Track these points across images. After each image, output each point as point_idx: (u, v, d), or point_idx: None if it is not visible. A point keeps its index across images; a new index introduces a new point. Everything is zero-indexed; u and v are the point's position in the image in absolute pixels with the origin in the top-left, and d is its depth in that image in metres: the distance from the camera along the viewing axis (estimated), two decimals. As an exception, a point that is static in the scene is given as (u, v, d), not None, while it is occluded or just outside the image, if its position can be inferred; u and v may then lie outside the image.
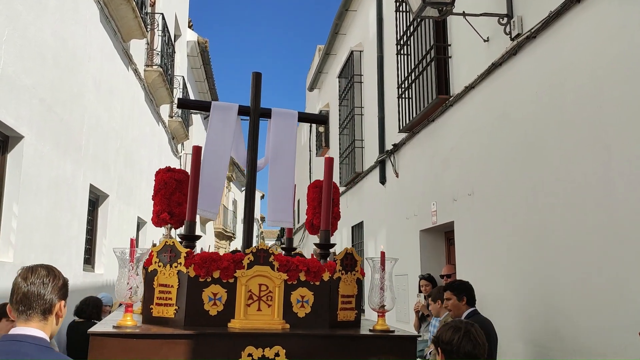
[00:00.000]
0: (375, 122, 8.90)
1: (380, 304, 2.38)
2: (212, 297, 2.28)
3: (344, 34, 11.91)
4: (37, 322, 1.83)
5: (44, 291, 1.84)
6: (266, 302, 2.31)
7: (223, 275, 2.30)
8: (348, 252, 2.53)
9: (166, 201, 2.71)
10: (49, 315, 1.85)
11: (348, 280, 2.48)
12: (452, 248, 6.79)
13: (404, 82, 7.24)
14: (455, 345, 2.24)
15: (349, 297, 2.49)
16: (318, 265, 2.40)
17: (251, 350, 2.11)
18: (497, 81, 4.94)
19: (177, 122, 13.84)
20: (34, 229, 5.41)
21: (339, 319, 2.43)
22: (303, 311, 2.35)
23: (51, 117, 5.76)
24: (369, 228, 9.48)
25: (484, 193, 5.19)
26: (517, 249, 4.60)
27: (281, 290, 2.33)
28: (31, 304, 1.83)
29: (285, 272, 2.34)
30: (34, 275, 1.87)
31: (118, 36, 8.26)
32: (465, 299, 4.15)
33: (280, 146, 2.71)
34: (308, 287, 2.37)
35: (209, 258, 2.30)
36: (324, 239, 2.55)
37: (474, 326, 2.36)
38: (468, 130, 5.56)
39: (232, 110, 2.66)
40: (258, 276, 2.33)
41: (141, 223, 11.14)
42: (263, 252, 2.35)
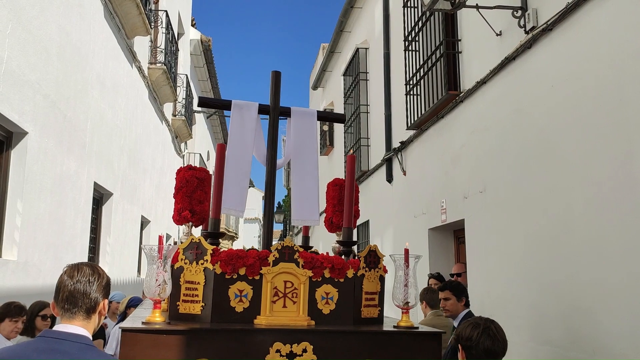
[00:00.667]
0: (382, 120, 8.80)
1: (405, 300, 2.38)
2: (238, 293, 2.30)
3: (348, 32, 11.81)
4: (80, 321, 1.85)
5: (90, 289, 1.87)
6: (291, 298, 2.33)
7: (249, 272, 2.31)
8: (371, 249, 2.53)
9: (187, 199, 2.70)
10: (92, 314, 1.87)
11: (371, 277, 2.49)
12: (461, 247, 6.69)
13: (412, 79, 7.14)
14: (474, 341, 2.24)
15: (373, 294, 2.50)
16: (342, 263, 2.41)
17: (279, 346, 2.13)
18: (510, 76, 4.84)
19: (180, 120, 13.76)
20: (38, 227, 5.33)
21: (363, 316, 2.44)
22: (328, 308, 2.37)
23: (55, 114, 5.67)
24: (375, 227, 9.38)
25: (497, 190, 5.09)
26: (532, 247, 4.50)
27: (306, 287, 2.34)
28: (77, 302, 1.85)
29: (310, 269, 2.35)
30: (79, 274, 1.88)
31: (122, 33, 8.17)
32: (464, 299, 4.07)
33: (301, 145, 2.73)
34: (332, 284, 2.38)
35: (235, 255, 2.32)
36: (346, 237, 2.55)
37: (493, 323, 2.35)
38: (479, 126, 5.46)
39: (252, 109, 2.68)
40: (283, 273, 2.34)
41: (145, 222, 11.06)
42: (288, 249, 2.36)
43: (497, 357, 2.28)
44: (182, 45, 15.00)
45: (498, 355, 2.27)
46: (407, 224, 7.55)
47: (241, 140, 2.65)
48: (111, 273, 8.23)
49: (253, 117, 2.68)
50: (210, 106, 3.19)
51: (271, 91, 2.74)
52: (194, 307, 2.29)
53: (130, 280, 9.48)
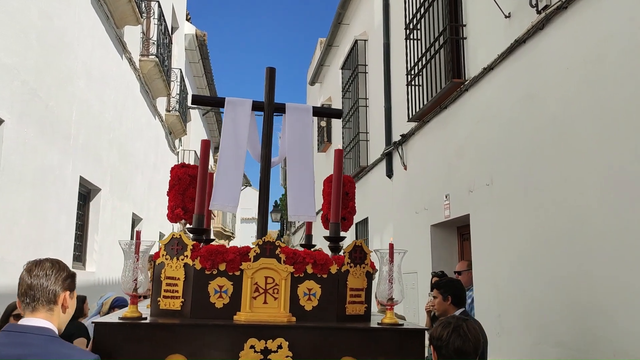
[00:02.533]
0: (381, 113, 8.50)
1: (389, 296, 2.30)
2: (218, 289, 2.29)
3: (347, 24, 11.49)
4: (43, 313, 1.86)
5: (47, 282, 1.89)
6: (272, 294, 2.30)
7: (229, 267, 2.29)
8: (357, 244, 2.46)
9: (180, 197, 2.71)
10: (54, 306, 1.88)
11: (357, 274, 2.44)
12: (465, 243, 6.38)
13: (414, 69, 6.83)
14: (444, 341, 2.20)
15: (358, 291, 2.44)
16: (325, 258, 2.37)
17: (254, 342, 2.10)
18: (520, 60, 4.53)
19: (174, 116, 13.43)
20: (16, 222, 5.00)
21: (348, 313, 2.39)
22: (310, 304, 2.33)
23: (35, 102, 5.34)
24: (375, 224, 9.07)
25: (505, 183, 4.78)
26: (544, 242, 4.19)
27: (288, 283, 2.31)
28: (36, 296, 1.87)
29: (292, 265, 2.32)
30: (38, 268, 1.91)
31: (111, 21, 7.85)
32: (450, 298, 3.79)
33: (297, 141, 2.71)
34: (315, 279, 2.34)
35: (215, 251, 2.30)
36: (333, 232, 2.50)
37: (466, 321, 2.28)
38: (486, 115, 5.15)
39: (245, 106, 2.67)
40: (264, 269, 2.31)
41: (136, 219, 10.73)
42: (269, 245, 2.34)
43: (468, 357, 2.21)
44: (177, 39, 14.67)
45: (469, 355, 2.20)
46: (408, 220, 7.24)
47: (234, 137, 2.63)
48: (99, 272, 7.89)
49: (247, 113, 2.66)
50: (204, 104, 3.16)
51: (265, 87, 2.72)
52: (174, 302, 2.28)
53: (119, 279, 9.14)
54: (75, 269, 7.13)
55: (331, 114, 3.33)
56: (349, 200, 2.83)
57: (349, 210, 2.81)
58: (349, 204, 2.82)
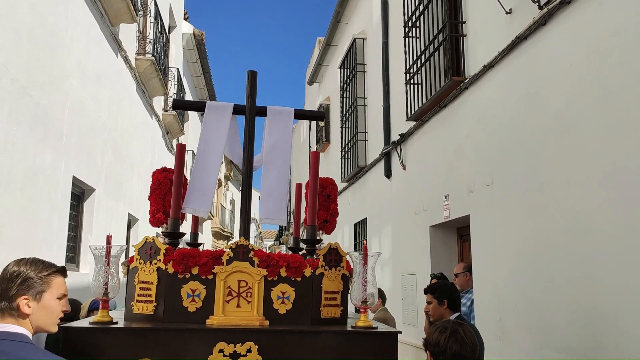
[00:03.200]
0: (380, 112, 8.39)
1: (363, 299, 2.29)
2: (190, 293, 2.27)
3: (345, 23, 11.38)
4: (14, 318, 1.80)
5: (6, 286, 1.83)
6: (245, 298, 2.28)
7: (202, 271, 2.27)
8: (332, 247, 2.45)
9: (161, 201, 2.69)
10: (14, 312, 1.81)
11: (332, 276, 2.42)
12: (465, 245, 6.27)
13: (413, 67, 6.72)
14: (442, 347, 2.19)
15: (334, 294, 2.42)
16: (299, 261, 2.36)
17: (222, 346, 2.09)
18: (521, 57, 4.42)
19: (171, 115, 13.30)
20: (5, 224, 4.88)
21: (323, 316, 2.36)
22: (284, 307, 2.31)
23: (26, 101, 5.22)
24: (373, 225, 8.96)
25: (506, 183, 4.67)
26: (546, 244, 4.08)
27: (261, 286, 2.29)
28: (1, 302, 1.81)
29: (265, 268, 2.31)
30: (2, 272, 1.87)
31: (105, 19, 7.72)
32: (446, 302, 3.69)
33: (275, 144, 2.71)
34: (289, 283, 2.33)
35: (188, 254, 2.29)
36: (310, 235, 2.49)
37: (462, 325, 2.27)
38: (486, 114, 5.03)
39: (226, 110, 2.67)
40: (237, 272, 2.30)
41: (132, 220, 10.59)
42: (242, 248, 2.32)
43: None
44: (174, 38, 14.55)
45: (467, 359, 2.19)
46: (407, 221, 7.12)
47: (212, 141, 2.63)
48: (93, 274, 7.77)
49: (227, 117, 2.66)
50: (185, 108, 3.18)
51: (247, 91, 2.71)
52: (147, 307, 2.27)
53: (115, 281, 9.01)
54: (69, 271, 7.00)
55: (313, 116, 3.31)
56: (330, 203, 2.81)
57: (330, 213, 2.80)
58: (330, 206, 2.80)
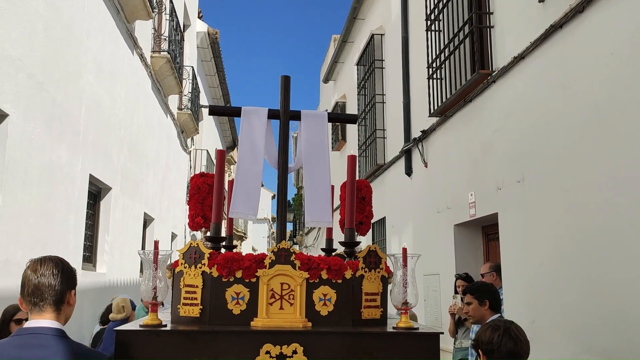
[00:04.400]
0: (399, 109, 8.20)
1: (403, 300, 2.30)
2: (235, 296, 2.32)
3: (362, 19, 11.20)
4: (51, 313, 1.88)
5: (55, 282, 1.89)
6: (288, 300, 2.32)
7: (245, 274, 2.33)
8: (371, 249, 2.47)
9: (200, 205, 2.75)
10: (61, 305, 1.91)
11: (372, 278, 2.44)
12: (491, 244, 6.07)
13: (435, 61, 6.53)
14: (496, 344, 2.18)
15: (374, 295, 2.45)
16: (339, 263, 2.38)
17: (269, 348, 2.13)
18: (556, 47, 4.22)
19: (186, 114, 13.21)
20: (22, 221, 4.77)
21: (364, 317, 2.39)
22: (326, 309, 2.34)
23: (42, 96, 5.12)
24: (393, 224, 8.77)
25: (538, 179, 4.47)
26: (583, 245, 3.88)
27: (303, 288, 2.33)
28: (44, 296, 1.87)
29: (307, 271, 2.35)
30: (43, 267, 1.90)
31: (121, 15, 7.63)
32: (487, 303, 3.57)
33: (313, 148, 2.74)
34: (330, 285, 2.36)
35: (231, 258, 2.34)
36: (348, 237, 2.52)
37: (513, 323, 2.28)
38: (516, 108, 4.84)
39: (261, 114, 2.72)
40: (280, 275, 2.34)
41: (148, 220, 10.51)
42: (284, 252, 2.36)
43: (522, 359, 2.20)
44: (189, 37, 14.46)
45: (522, 357, 2.19)
46: (430, 220, 6.93)
47: (252, 146, 2.68)
48: (110, 273, 7.67)
49: (263, 122, 2.71)
50: (221, 114, 3.26)
51: (281, 95, 2.75)
52: (193, 310, 2.32)
53: (131, 281, 8.92)
54: (86, 270, 6.93)
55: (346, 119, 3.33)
56: (365, 205, 2.83)
57: (365, 215, 2.82)
58: (365, 208, 2.82)
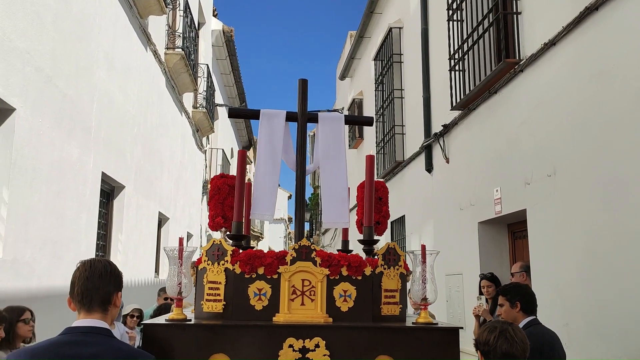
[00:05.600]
0: (419, 104, 7.95)
1: (423, 296, 2.36)
2: (257, 292, 2.38)
3: (379, 13, 10.96)
4: (99, 313, 1.95)
5: (103, 283, 1.96)
6: (309, 296, 2.38)
7: (267, 271, 2.38)
8: (390, 247, 2.53)
9: (220, 206, 2.84)
10: (108, 306, 1.98)
11: (391, 275, 2.50)
12: (517, 242, 5.80)
13: (457, 52, 6.27)
14: (492, 345, 2.26)
15: (393, 292, 2.50)
16: (359, 260, 2.44)
17: (292, 342, 2.20)
18: (591, 31, 3.95)
19: (201, 112, 13.08)
20: (30, 220, 4.62)
21: (383, 313, 2.44)
22: (346, 305, 2.39)
23: (51, 91, 4.97)
24: (412, 222, 8.52)
25: (571, 173, 4.20)
26: (623, 242, 3.61)
27: (324, 285, 2.39)
28: (92, 296, 1.94)
29: (327, 267, 2.40)
30: (92, 269, 1.98)
31: (134, 10, 7.48)
32: (519, 305, 3.40)
33: (329, 150, 2.79)
34: (350, 281, 2.41)
35: (254, 255, 2.40)
36: (367, 235, 2.58)
37: (511, 325, 2.34)
38: (547, 97, 4.57)
39: (280, 117, 2.79)
40: (301, 272, 2.39)
41: (163, 219, 10.38)
42: (305, 249, 2.42)
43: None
44: (204, 35, 14.34)
45: (517, 358, 2.25)
46: (452, 217, 6.67)
47: (270, 148, 2.74)
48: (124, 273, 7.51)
49: (281, 124, 2.78)
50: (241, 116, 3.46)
51: (298, 99, 2.82)
52: (216, 305, 2.38)
53: (146, 281, 8.78)
54: (99, 270, 6.78)
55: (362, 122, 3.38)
56: (382, 205, 2.91)
57: (382, 215, 2.89)
58: (382, 208, 2.90)
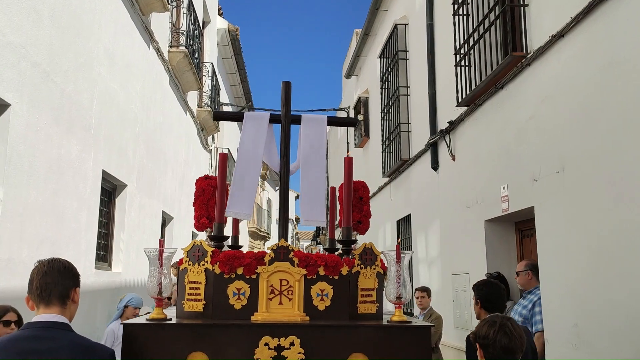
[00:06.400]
0: (425, 100, 7.82)
1: (397, 295, 2.42)
2: (236, 292, 2.43)
3: (385, 10, 10.84)
4: (57, 307, 2.01)
5: (60, 279, 2.04)
6: (287, 296, 2.43)
7: (246, 271, 2.43)
8: (367, 246, 2.60)
9: (204, 207, 2.86)
10: (67, 300, 2.05)
11: (368, 274, 2.56)
12: (525, 241, 5.66)
13: (463, 47, 6.14)
14: (491, 339, 2.32)
15: (369, 291, 2.57)
16: (336, 260, 2.49)
17: (267, 340, 2.24)
18: (601, 21, 3.81)
19: (206, 111, 12.99)
20: (27, 218, 4.54)
21: (360, 312, 2.51)
22: (323, 304, 2.45)
23: (49, 87, 4.89)
24: (418, 221, 8.39)
25: (581, 168, 4.06)
26: (632, 241, 3.47)
27: (301, 284, 2.44)
28: (51, 290, 2.01)
29: (305, 267, 2.45)
30: (49, 266, 2.05)
31: (136, 7, 7.40)
32: (479, 302, 3.55)
33: (310, 150, 2.84)
34: (327, 281, 2.47)
35: (233, 256, 2.44)
36: (345, 236, 2.64)
37: (510, 320, 2.40)
38: (555, 91, 4.43)
39: (263, 119, 2.85)
40: (279, 272, 2.45)
41: (167, 218, 10.30)
42: (283, 249, 2.47)
43: (515, 354, 2.33)
44: (209, 34, 14.27)
45: (515, 352, 2.32)
46: (458, 216, 6.54)
47: (251, 148, 2.78)
48: (126, 273, 7.45)
49: (264, 126, 2.82)
50: (225, 119, 3.37)
51: (282, 100, 2.86)
52: (196, 305, 2.43)
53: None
54: (100, 270, 6.70)
55: (346, 123, 3.46)
56: (363, 204, 2.94)
57: (364, 214, 2.93)
58: (363, 207, 2.94)
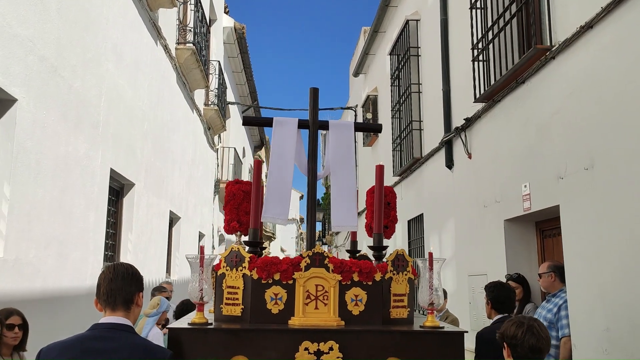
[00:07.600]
0: (438, 98, 7.64)
1: (429, 302, 2.47)
2: (273, 297, 2.49)
3: (395, 6, 10.67)
4: (122, 311, 2.15)
5: (125, 284, 2.17)
6: (322, 301, 2.49)
7: (283, 277, 2.49)
8: (399, 253, 2.66)
9: (235, 211, 2.94)
10: (131, 305, 2.19)
11: (399, 280, 2.62)
12: (547, 241, 5.48)
13: (481, 41, 5.97)
14: (519, 339, 2.39)
15: (401, 296, 2.62)
16: (370, 267, 2.55)
17: (307, 345, 2.29)
18: (634, 10, 3.63)
19: (213, 110, 12.87)
20: (34, 217, 4.39)
21: (392, 317, 2.56)
22: (357, 309, 2.50)
23: (56, 82, 4.74)
24: (431, 221, 8.21)
25: (611, 165, 3.88)
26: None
27: (336, 290, 2.50)
28: (116, 296, 2.14)
29: (339, 273, 2.51)
30: (114, 273, 2.17)
31: (144, 2, 7.26)
32: (490, 303, 3.76)
33: (339, 156, 2.90)
34: (361, 286, 2.53)
35: (270, 262, 2.51)
36: (377, 242, 2.69)
37: (536, 321, 2.48)
38: (583, 85, 4.26)
39: (292, 124, 2.90)
40: (314, 277, 2.50)
41: (174, 218, 10.16)
42: (319, 256, 2.53)
43: (542, 354, 2.39)
44: (215, 32, 14.13)
45: (542, 352, 2.39)
46: (475, 215, 6.36)
47: (283, 154, 2.84)
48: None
49: (293, 131, 2.88)
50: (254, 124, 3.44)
51: (310, 107, 2.93)
52: (235, 309, 2.50)
53: (157, 282, 8.55)
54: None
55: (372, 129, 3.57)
56: (390, 210, 3.01)
57: (390, 219, 3.01)
58: (390, 213, 3.01)
